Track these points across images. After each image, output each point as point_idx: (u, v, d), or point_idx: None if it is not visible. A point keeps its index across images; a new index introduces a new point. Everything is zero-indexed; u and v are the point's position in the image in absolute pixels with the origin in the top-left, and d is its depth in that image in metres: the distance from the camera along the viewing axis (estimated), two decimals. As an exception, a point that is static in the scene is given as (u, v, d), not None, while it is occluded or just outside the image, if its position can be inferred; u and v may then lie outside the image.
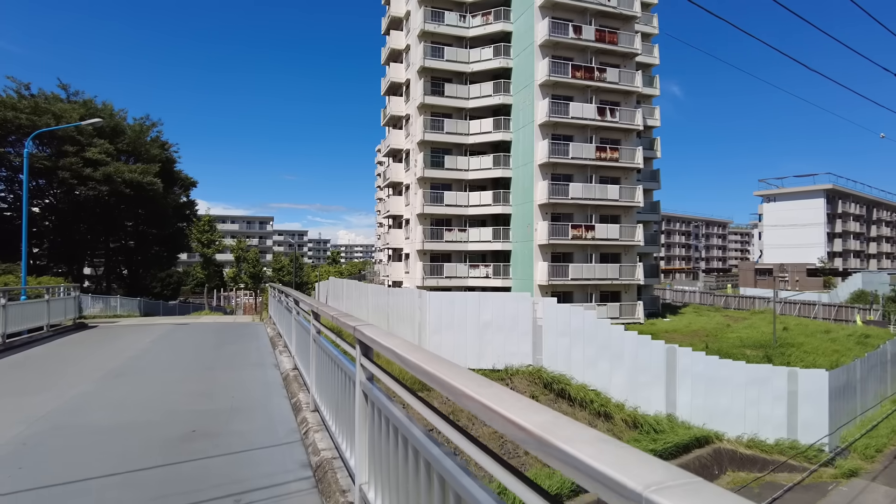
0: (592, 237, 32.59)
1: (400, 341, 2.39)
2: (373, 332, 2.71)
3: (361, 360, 2.86)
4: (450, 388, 1.63)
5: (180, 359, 9.56)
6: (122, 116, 33.58)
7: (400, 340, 2.40)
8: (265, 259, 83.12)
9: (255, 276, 52.49)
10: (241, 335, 13.28)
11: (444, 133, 35.49)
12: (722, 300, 51.92)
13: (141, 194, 32.42)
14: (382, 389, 2.66)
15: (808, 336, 29.01)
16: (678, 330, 32.07)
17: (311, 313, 4.97)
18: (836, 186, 63.34)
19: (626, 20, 34.28)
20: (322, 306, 4.42)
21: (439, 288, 34.28)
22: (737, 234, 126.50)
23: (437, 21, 35.73)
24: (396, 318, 20.59)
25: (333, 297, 31.42)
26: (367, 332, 2.71)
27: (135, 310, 30.31)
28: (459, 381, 1.62)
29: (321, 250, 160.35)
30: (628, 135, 34.74)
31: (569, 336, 18.27)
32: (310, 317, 5.17)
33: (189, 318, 21.15)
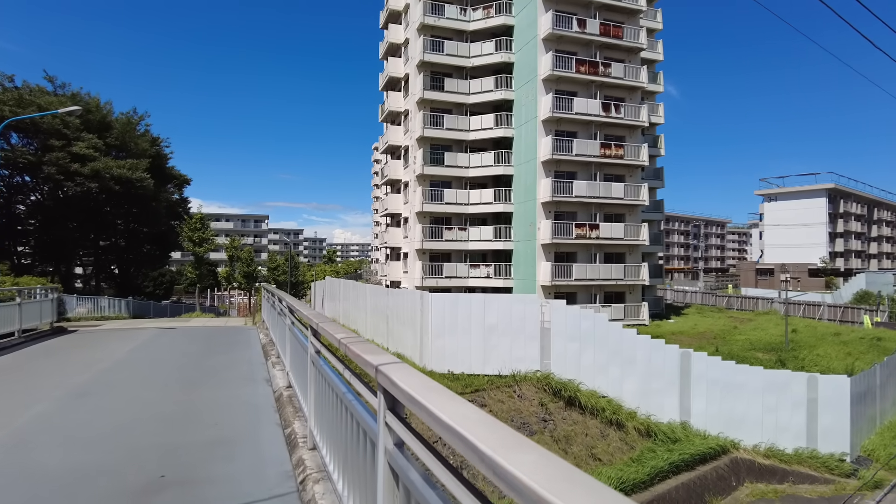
0: (597, 236, 31.71)
1: (467, 408, 1.42)
2: (406, 378, 1.77)
3: (387, 416, 1.92)
4: None
5: (159, 372, 8.53)
6: (109, 110, 32.46)
7: (466, 407, 1.44)
8: (260, 258, 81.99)
9: (250, 275, 51.41)
10: (230, 342, 12.30)
11: (443, 129, 34.54)
12: (724, 301, 51.13)
13: (131, 191, 31.33)
14: (419, 469, 1.71)
15: (818, 339, 28.24)
16: (684, 332, 31.25)
17: (310, 328, 4.02)
18: (838, 186, 62.69)
19: (630, 14, 33.40)
20: (324, 322, 3.48)
21: (439, 288, 33.37)
22: (734, 234, 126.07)
23: (437, 14, 34.76)
24: (396, 320, 19.66)
25: (330, 297, 30.43)
26: (396, 378, 1.76)
27: (124, 311, 29.23)
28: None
29: (317, 249, 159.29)
30: (633, 131, 33.87)
31: (578, 340, 17.37)
32: (307, 332, 4.21)
33: (177, 322, 20.13)
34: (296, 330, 5.64)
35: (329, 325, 3.34)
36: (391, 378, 1.78)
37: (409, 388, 1.64)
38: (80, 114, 27.57)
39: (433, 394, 1.54)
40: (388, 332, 20.28)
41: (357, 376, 2.44)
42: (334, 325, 3.29)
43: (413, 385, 1.66)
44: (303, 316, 4.76)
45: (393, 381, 1.76)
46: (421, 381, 1.70)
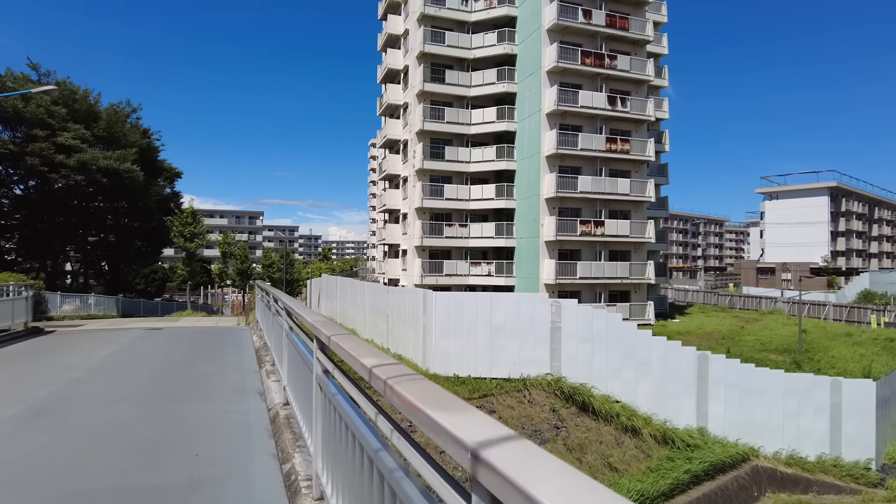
0: (602, 233, 30.80)
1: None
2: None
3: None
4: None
5: (137, 382, 7.41)
6: (97, 100, 31.24)
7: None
8: (254, 255, 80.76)
9: (244, 272, 50.23)
10: (221, 345, 11.24)
11: (444, 122, 33.52)
12: (727, 300, 50.39)
13: (119, 184, 30.14)
14: None
15: (830, 339, 27.45)
16: (691, 332, 30.41)
17: (315, 340, 3.03)
18: (840, 184, 62.05)
19: (636, 5, 32.45)
20: (339, 336, 2.49)
21: (439, 286, 32.38)
22: (731, 233, 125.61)
23: (438, 4, 33.71)
24: (397, 319, 18.66)
25: (326, 295, 29.39)
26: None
27: (111, 309, 28.11)
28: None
29: (312, 246, 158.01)
30: (639, 126, 32.96)
31: (591, 341, 16.41)
32: (312, 344, 3.23)
33: (166, 321, 19.06)
34: (295, 337, 4.66)
35: (346, 339, 2.35)
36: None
37: None
38: (65, 102, 26.39)
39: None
40: (388, 331, 19.31)
41: (415, 445, 1.43)
42: (355, 342, 2.29)
43: None
44: (305, 321, 3.76)
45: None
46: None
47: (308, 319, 3.29)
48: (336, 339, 2.49)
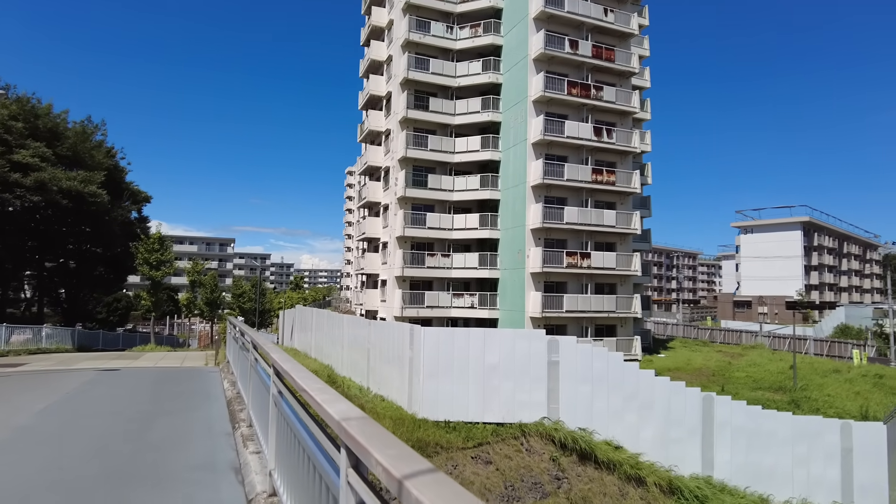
0: (588, 265, 30.03)
1: None
2: None
3: None
4: None
5: (70, 455, 5.69)
6: (63, 118, 29.50)
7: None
8: (225, 284, 78.05)
9: (213, 302, 47.98)
10: (186, 394, 9.67)
11: (427, 150, 32.71)
12: (707, 333, 50.07)
13: (82, 207, 28.25)
14: None
15: (821, 376, 26.90)
16: (680, 368, 29.64)
17: (341, 445, 1.81)
18: (812, 219, 63.27)
19: (622, 37, 32.55)
20: (377, 444, 1.25)
21: (419, 318, 31.05)
22: (704, 266, 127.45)
23: (423, 31, 33.29)
24: (380, 357, 17.21)
25: (300, 327, 27.72)
26: None
27: (66, 342, 25.92)
28: None
29: (284, 275, 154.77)
30: (624, 157, 32.71)
31: (590, 382, 15.26)
32: (312, 426, 2.01)
33: (125, 359, 17.21)
34: (286, 407, 3.41)
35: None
36: None
37: None
38: (25, 118, 24.68)
39: None
40: (369, 370, 17.81)
41: None
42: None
43: None
44: (310, 399, 2.55)
45: None
46: None
47: (314, 396, 2.06)
48: (377, 455, 1.27)
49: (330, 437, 2.38)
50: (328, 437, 2.43)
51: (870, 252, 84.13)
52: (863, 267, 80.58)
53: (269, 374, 4.31)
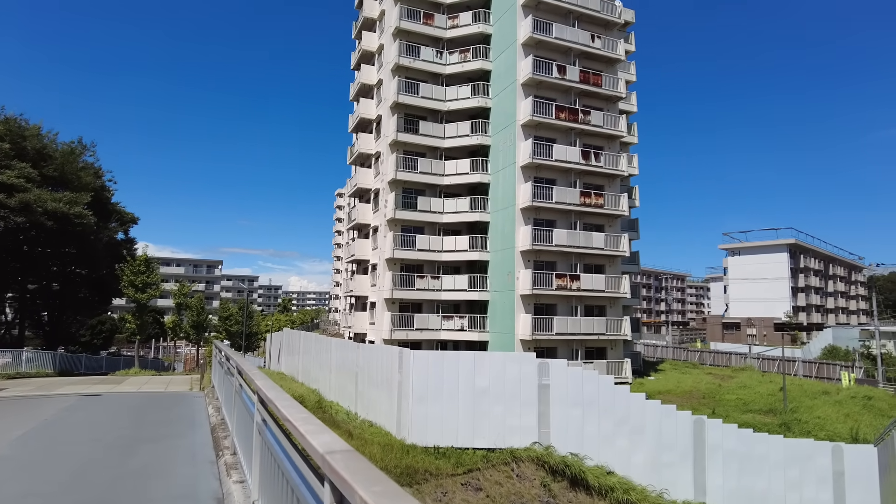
0: (578, 287, 30.07)
1: None
2: None
3: None
4: None
5: (47, 485, 5.42)
6: (52, 139, 29.35)
7: None
8: (211, 306, 77.15)
9: (199, 325, 47.30)
10: (169, 420, 9.42)
11: (417, 172, 32.86)
12: (696, 356, 50.08)
13: (68, 228, 27.91)
14: None
15: (811, 398, 26.91)
16: (670, 390, 29.54)
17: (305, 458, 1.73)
18: (798, 241, 64.11)
19: (609, 63, 33.18)
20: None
21: (409, 341, 30.81)
22: (692, 288, 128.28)
23: (413, 56, 33.73)
24: (368, 380, 16.98)
25: (288, 351, 27.39)
26: None
27: (48, 366, 25.37)
28: None
29: (272, 297, 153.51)
30: (612, 180, 33.05)
31: (581, 406, 15.13)
32: (297, 457, 1.95)
33: (107, 384, 16.82)
34: (270, 436, 3.32)
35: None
36: None
37: None
38: (12, 139, 24.49)
39: None
40: (357, 394, 17.57)
41: None
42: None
43: None
44: (294, 430, 2.47)
45: None
46: None
47: (300, 428, 1.99)
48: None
49: (314, 469, 2.29)
50: (312, 469, 2.34)
51: (855, 274, 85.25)
52: (848, 288, 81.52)
53: (253, 402, 4.20)
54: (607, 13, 32.77)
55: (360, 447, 14.04)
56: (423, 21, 34.20)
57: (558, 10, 31.72)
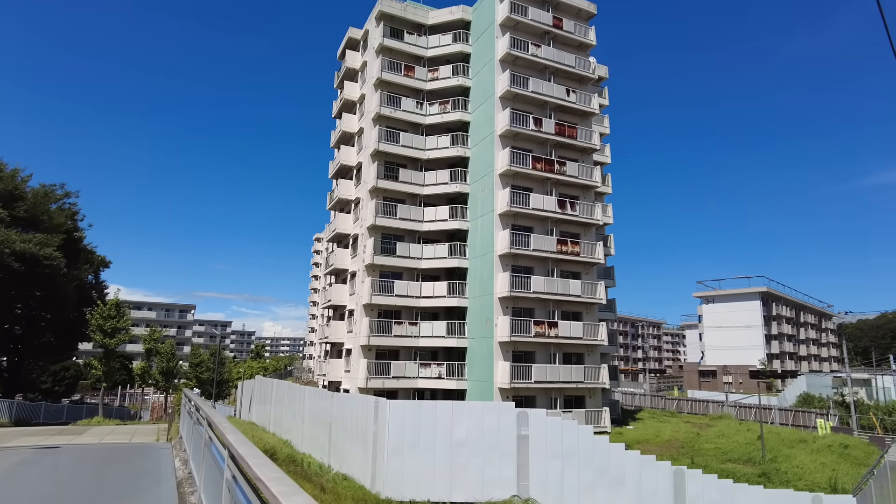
0: (556, 335, 30.11)
1: None
2: None
3: None
4: None
5: None
6: (25, 180, 28.92)
7: None
8: (182, 352, 74.98)
9: (169, 371, 45.79)
10: (132, 476, 8.95)
11: (396, 219, 33.09)
12: (674, 404, 50.02)
13: (36, 270, 27.18)
14: None
15: (788, 447, 26.94)
16: (649, 440, 29.30)
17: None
18: (769, 289, 65.59)
19: (584, 116, 34.41)
20: None
21: (385, 389, 30.26)
22: (668, 336, 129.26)
23: (394, 106, 34.56)
24: (342, 431, 16.50)
25: (259, 399, 26.59)
26: None
27: (3, 415, 24.21)
28: None
29: (245, 343, 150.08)
30: (587, 229, 33.69)
31: (561, 457, 14.88)
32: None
33: (67, 435, 16.02)
34: (241, 495, 3.21)
35: None
36: None
37: None
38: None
39: None
40: (331, 445, 17.03)
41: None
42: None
43: None
44: (266, 492, 2.41)
45: None
46: None
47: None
48: None
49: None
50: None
51: (825, 321, 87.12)
52: (819, 336, 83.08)
53: (224, 456, 4.05)
54: (582, 69, 34.21)
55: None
56: (405, 73, 35.23)
57: (535, 65, 33.03)
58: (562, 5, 34.42)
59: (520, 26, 33.03)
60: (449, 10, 36.97)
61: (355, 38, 40.71)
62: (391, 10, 35.51)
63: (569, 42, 34.51)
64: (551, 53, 33.30)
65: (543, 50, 33.09)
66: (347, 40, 41.12)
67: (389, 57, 35.15)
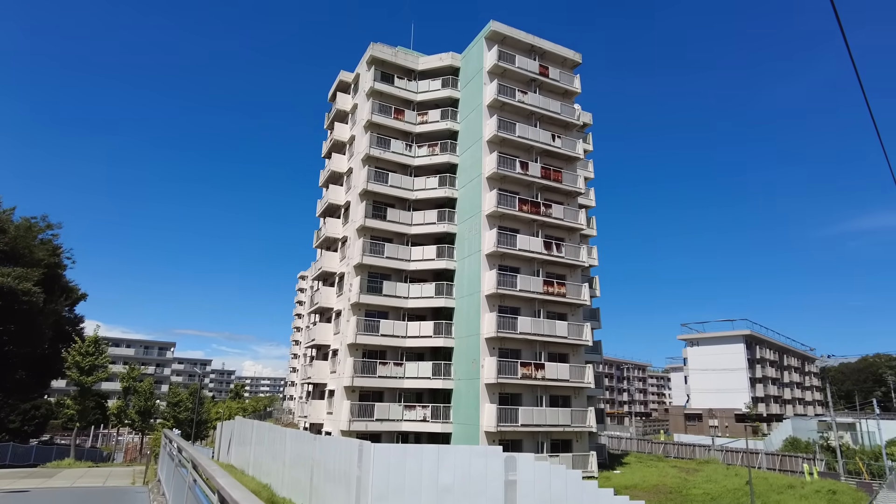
0: (542, 376, 29.92)
1: None
2: None
3: None
4: None
5: None
6: (8, 214, 28.60)
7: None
8: (161, 390, 72.93)
9: (146, 411, 44.44)
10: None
11: (383, 258, 33.16)
12: (660, 448, 49.51)
13: (13, 306, 26.59)
14: None
15: (777, 493, 26.67)
16: (637, 485, 28.84)
17: None
18: (753, 332, 66.11)
19: (569, 160, 35.20)
20: None
21: (368, 433, 29.63)
22: (653, 378, 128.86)
23: (383, 147, 35.13)
24: (324, 475, 16.06)
25: (239, 441, 25.84)
26: None
27: (-32, 457, 23.13)
28: None
29: (225, 382, 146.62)
30: (573, 271, 34.00)
31: (549, 503, 14.62)
32: None
33: (35, 478, 15.36)
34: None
35: None
36: None
37: None
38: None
39: None
40: (312, 489, 16.53)
41: None
42: None
43: None
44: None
45: None
46: None
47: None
48: None
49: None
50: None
51: (808, 364, 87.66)
52: (803, 379, 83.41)
53: (212, 502, 3.98)
54: (567, 115, 35.22)
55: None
56: (394, 116, 35.98)
57: (522, 111, 33.95)
58: (548, 54, 35.70)
59: (507, 73, 34.10)
60: (438, 56, 38.13)
61: (346, 80, 41.64)
62: (382, 55, 36.53)
63: (554, 89, 35.64)
64: (537, 100, 34.31)
65: (530, 97, 34.10)
66: (338, 83, 42.03)
67: (380, 100, 35.93)
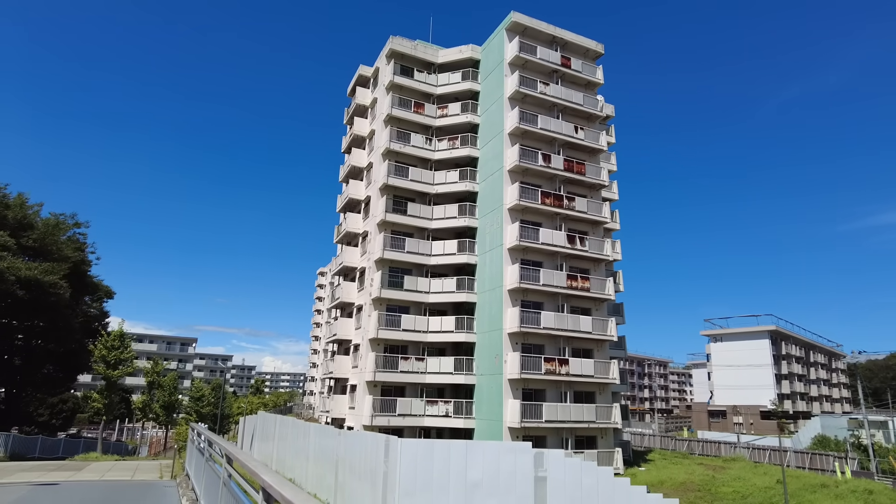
0: (567, 372, 29.47)
1: None
2: None
3: None
4: None
5: None
6: (36, 210, 28.99)
7: None
8: (183, 385, 73.89)
9: (170, 405, 44.94)
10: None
11: (404, 252, 32.92)
12: (685, 445, 48.62)
13: (40, 298, 26.90)
14: None
15: (811, 492, 25.92)
16: (664, 482, 28.29)
17: None
18: (778, 328, 64.67)
19: (592, 153, 34.59)
20: None
21: (390, 427, 29.52)
22: (675, 375, 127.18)
23: (403, 142, 34.86)
24: (349, 471, 15.85)
25: (262, 436, 25.82)
26: None
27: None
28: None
29: (245, 377, 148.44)
30: (597, 265, 33.44)
31: (580, 500, 14.26)
32: None
33: (65, 471, 15.44)
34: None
35: None
36: None
37: None
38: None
39: None
40: (338, 486, 16.34)
41: None
42: None
43: None
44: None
45: None
46: None
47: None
48: None
49: None
50: None
51: (835, 361, 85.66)
52: (830, 376, 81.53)
53: (253, 500, 3.72)
54: (590, 107, 34.58)
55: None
56: (414, 110, 35.66)
57: (544, 102, 33.42)
58: (570, 45, 35.08)
59: (528, 65, 33.57)
60: (458, 49, 37.71)
61: (365, 75, 41.44)
62: (402, 48, 36.22)
63: (577, 81, 35.03)
64: (560, 92, 33.74)
65: (552, 88, 33.54)
66: (358, 77, 41.85)
67: (399, 94, 35.65)
